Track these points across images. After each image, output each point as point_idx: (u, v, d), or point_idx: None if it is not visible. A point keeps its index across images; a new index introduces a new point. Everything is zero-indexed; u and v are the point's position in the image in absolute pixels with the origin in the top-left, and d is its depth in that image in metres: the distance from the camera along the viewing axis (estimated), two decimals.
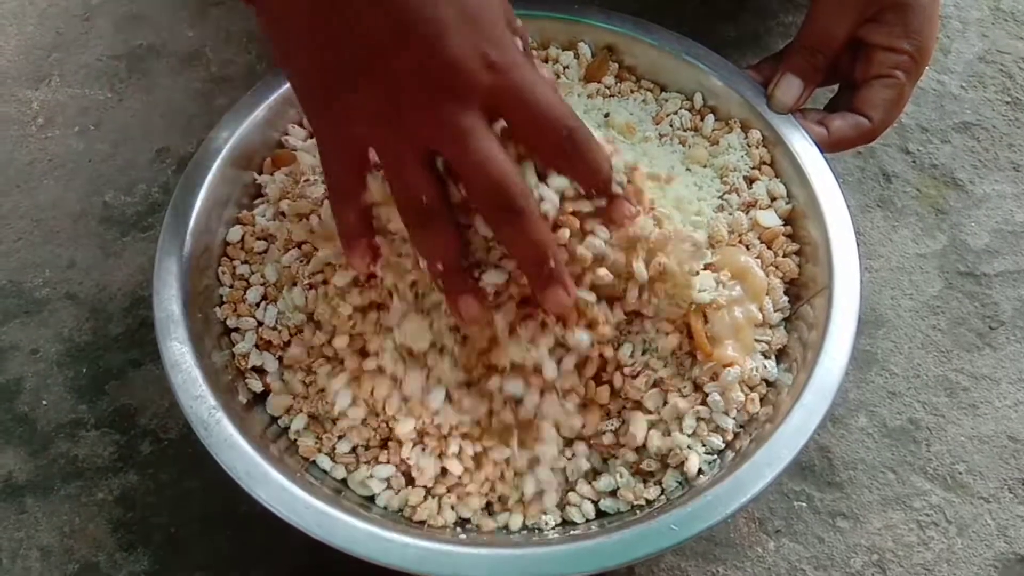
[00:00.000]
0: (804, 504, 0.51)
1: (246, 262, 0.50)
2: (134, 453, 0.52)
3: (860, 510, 0.51)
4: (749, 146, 0.52)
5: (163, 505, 0.50)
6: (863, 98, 0.52)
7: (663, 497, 0.44)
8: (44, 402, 0.54)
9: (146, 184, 0.61)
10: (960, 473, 0.52)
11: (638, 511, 0.44)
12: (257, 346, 0.48)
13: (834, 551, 0.50)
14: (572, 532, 0.43)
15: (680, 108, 0.54)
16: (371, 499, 0.45)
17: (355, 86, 0.37)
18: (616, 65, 0.56)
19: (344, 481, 0.45)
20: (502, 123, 0.39)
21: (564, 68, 0.56)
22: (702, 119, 0.54)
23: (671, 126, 0.54)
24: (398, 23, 0.36)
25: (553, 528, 0.44)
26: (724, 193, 0.51)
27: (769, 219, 0.50)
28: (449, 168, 0.39)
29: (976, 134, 0.65)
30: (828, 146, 0.51)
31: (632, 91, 0.56)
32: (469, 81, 0.37)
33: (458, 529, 0.44)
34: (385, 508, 0.44)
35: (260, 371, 0.47)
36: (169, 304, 0.45)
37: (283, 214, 0.50)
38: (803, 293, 0.48)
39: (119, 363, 0.55)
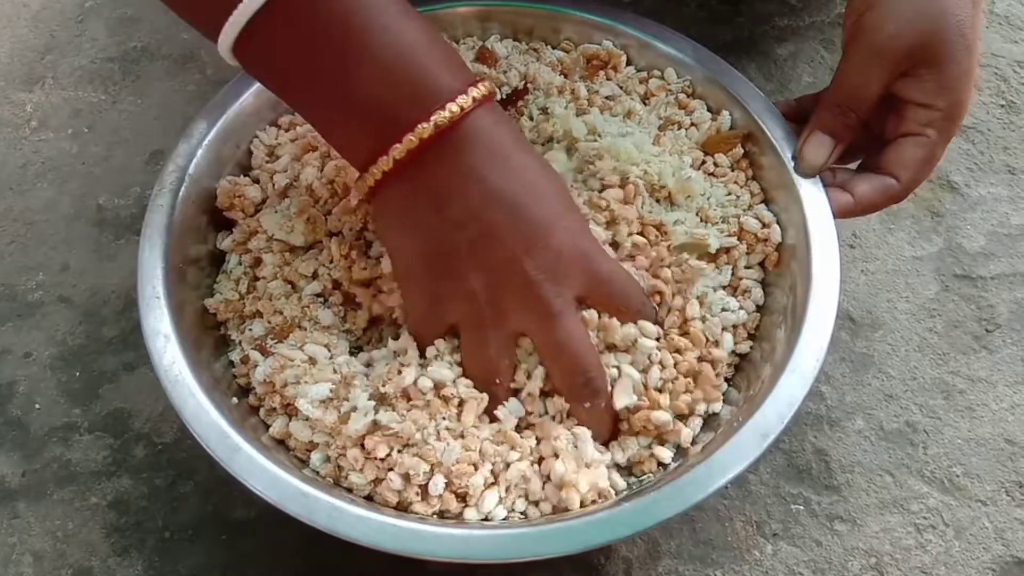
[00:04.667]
0: (801, 507, 0.51)
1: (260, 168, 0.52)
2: (128, 457, 0.51)
3: (857, 513, 0.51)
4: (744, 307, 0.48)
5: (157, 510, 0.50)
6: (891, 157, 0.49)
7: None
8: (37, 406, 0.53)
9: (140, 187, 0.61)
10: (957, 476, 0.52)
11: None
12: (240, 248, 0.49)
13: (832, 554, 0.50)
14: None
15: (758, 232, 0.49)
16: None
17: (461, 268, 0.41)
18: (742, 151, 0.52)
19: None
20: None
21: (690, 125, 0.53)
22: (760, 257, 0.49)
23: (724, 231, 0.49)
24: (510, 217, 0.41)
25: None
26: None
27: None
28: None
29: (971, 137, 0.65)
30: (854, 212, 0.49)
31: (736, 183, 0.51)
32: (568, 269, 0.42)
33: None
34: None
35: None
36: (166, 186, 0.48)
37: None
38: None
39: (112, 367, 0.54)
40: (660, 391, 0.45)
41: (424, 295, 0.43)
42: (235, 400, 0.45)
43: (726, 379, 0.47)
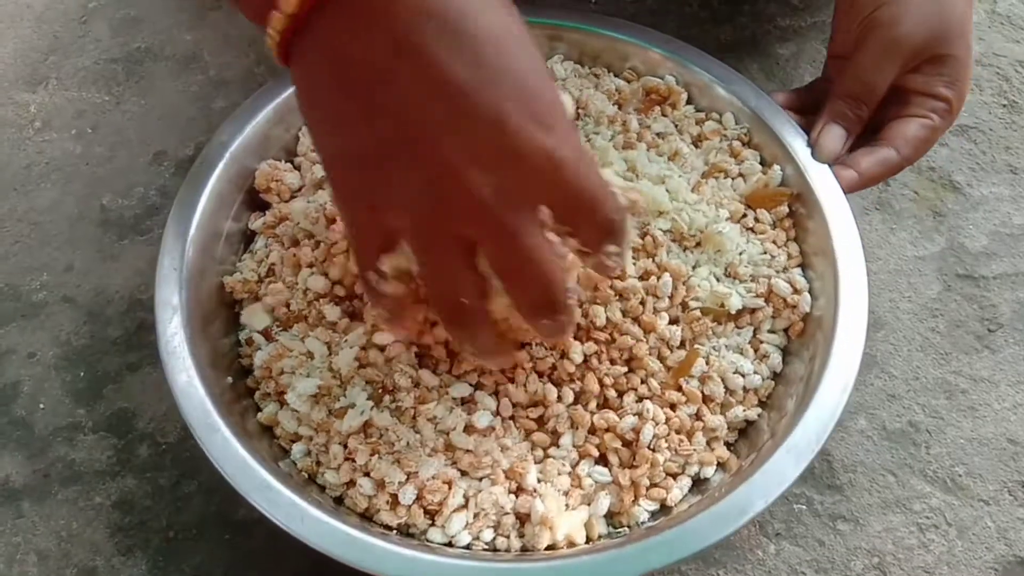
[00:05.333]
0: (804, 507, 0.51)
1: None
2: (132, 457, 0.52)
3: (860, 513, 0.51)
4: (759, 372, 0.47)
5: (161, 509, 0.50)
6: (893, 132, 0.50)
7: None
8: (41, 406, 0.53)
9: (143, 187, 0.61)
10: (960, 476, 0.52)
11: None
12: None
13: (834, 554, 0.50)
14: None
15: (788, 297, 0.48)
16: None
17: (394, 171, 0.33)
18: (787, 210, 0.50)
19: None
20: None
21: (738, 175, 0.51)
22: (786, 324, 0.48)
23: (752, 291, 0.48)
24: (455, 100, 0.32)
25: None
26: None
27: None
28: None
29: (973, 137, 0.65)
30: (858, 187, 0.50)
31: (775, 242, 0.49)
32: (531, 173, 0.33)
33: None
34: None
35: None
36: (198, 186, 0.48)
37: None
38: None
39: (117, 367, 0.54)
40: (653, 450, 0.44)
41: (356, 204, 0.36)
42: (230, 379, 0.46)
43: (727, 443, 0.46)
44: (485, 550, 0.42)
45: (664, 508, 0.44)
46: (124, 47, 0.68)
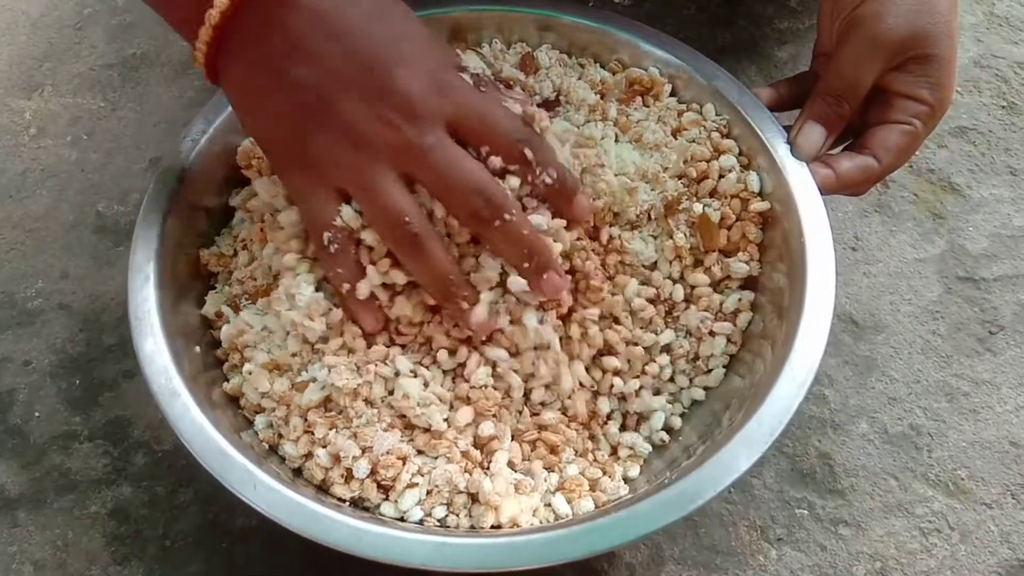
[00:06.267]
0: (806, 512, 0.51)
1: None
2: (128, 465, 0.51)
3: (862, 517, 0.51)
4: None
5: (157, 517, 0.50)
6: (876, 139, 0.50)
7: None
8: (37, 414, 0.53)
9: (139, 193, 0.61)
10: (962, 479, 0.52)
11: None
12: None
13: (836, 559, 0.49)
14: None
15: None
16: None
17: (315, 132, 0.39)
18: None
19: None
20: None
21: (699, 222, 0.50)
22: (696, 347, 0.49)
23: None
24: (350, 64, 0.38)
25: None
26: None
27: None
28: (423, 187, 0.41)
29: (972, 138, 0.65)
30: (834, 188, 0.49)
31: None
32: (426, 103, 0.39)
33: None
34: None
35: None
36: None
37: None
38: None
39: (112, 374, 0.54)
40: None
41: (295, 172, 0.41)
42: (198, 349, 0.46)
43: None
44: (437, 527, 0.42)
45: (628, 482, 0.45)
46: (119, 53, 0.68)
